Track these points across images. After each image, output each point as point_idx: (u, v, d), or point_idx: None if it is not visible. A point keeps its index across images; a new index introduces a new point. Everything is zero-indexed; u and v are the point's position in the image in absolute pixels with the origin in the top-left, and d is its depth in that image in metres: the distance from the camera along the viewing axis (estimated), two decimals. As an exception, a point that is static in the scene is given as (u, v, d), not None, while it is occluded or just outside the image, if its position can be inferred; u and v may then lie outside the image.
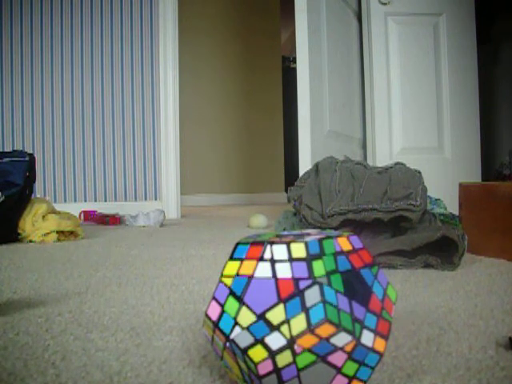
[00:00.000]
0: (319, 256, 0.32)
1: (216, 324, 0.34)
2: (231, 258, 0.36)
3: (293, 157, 4.94)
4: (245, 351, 0.32)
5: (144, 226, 2.06)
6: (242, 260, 0.35)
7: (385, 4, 2.27)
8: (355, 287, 0.33)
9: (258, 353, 0.31)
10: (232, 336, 0.32)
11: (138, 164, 2.63)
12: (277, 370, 0.31)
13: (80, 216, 2.30)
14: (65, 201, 2.53)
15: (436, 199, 1.35)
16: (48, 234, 1.55)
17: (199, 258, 1.15)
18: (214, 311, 0.35)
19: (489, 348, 0.49)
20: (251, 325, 0.32)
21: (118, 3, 2.62)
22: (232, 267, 0.35)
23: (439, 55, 2.32)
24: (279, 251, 0.33)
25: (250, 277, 0.33)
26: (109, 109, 2.61)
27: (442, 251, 0.98)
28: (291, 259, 0.32)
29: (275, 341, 0.30)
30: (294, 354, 0.30)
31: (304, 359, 0.30)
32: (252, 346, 0.31)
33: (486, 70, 2.71)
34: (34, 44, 2.53)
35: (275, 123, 4.67)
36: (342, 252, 0.34)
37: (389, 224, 1.04)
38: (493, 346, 0.50)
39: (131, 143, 2.63)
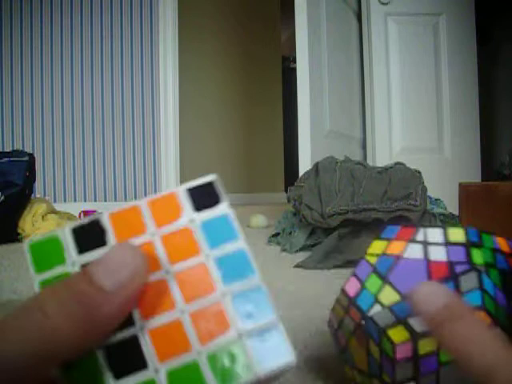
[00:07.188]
0: (479, 245, 0.31)
1: (353, 300, 0.33)
2: (378, 238, 0.35)
3: (293, 157, 4.93)
4: (383, 330, 0.30)
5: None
6: (390, 240, 0.34)
7: (385, 4, 2.27)
8: None
9: (398, 333, 0.29)
10: (370, 313, 0.31)
11: (137, 164, 2.63)
12: (415, 358, 0.29)
13: (80, 216, 2.30)
14: (65, 201, 2.53)
15: (436, 199, 1.35)
16: (48, 233, 1.55)
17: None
18: (352, 287, 0.33)
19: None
20: (394, 304, 0.30)
21: (118, 3, 2.62)
22: (378, 246, 0.34)
23: (439, 55, 2.32)
24: (434, 234, 0.32)
25: (398, 257, 0.32)
26: (109, 109, 2.61)
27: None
28: (447, 243, 0.31)
29: (420, 323, 0.28)
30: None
31: None
32: (393, 325, 0.30)
33: (485, 70, 2.71)
34: (33, 44, 2.53)
35: (275, 123, 4.67)
36: (500, 251, 0.32)
37: (389, 224, 1.04)
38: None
39: (131, 143, 2.63)
